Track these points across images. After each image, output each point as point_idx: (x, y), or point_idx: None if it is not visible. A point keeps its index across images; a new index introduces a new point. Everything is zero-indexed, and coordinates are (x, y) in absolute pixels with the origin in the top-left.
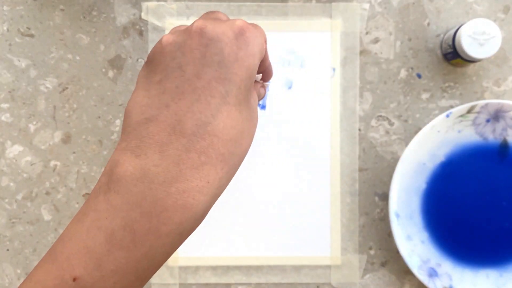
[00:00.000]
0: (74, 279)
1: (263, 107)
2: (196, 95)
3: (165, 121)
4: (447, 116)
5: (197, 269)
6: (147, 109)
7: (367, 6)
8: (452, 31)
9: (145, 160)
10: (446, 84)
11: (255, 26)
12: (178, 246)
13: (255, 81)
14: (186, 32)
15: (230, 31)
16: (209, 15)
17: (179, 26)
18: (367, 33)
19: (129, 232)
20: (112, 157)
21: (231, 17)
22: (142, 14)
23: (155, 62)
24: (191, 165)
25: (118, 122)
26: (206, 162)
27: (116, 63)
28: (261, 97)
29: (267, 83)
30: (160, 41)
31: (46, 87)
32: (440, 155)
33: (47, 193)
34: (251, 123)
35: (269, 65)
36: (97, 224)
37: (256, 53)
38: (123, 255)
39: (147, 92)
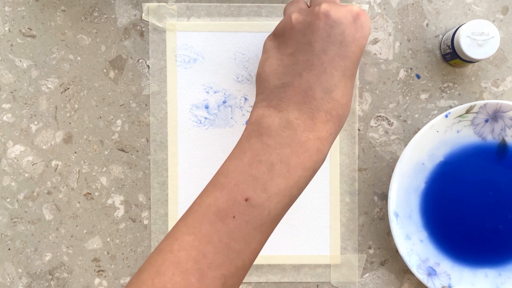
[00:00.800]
0: (246, 199)
1: None
2: (323, 68)
3: (299, 87)
4: (446, 116)
5: None
6: (283, 76)
7: (366, 7)
8: (451, 32)
9: (287, 114)
10: (445, 85)
11: (366, 13)
12: (310, 180)
13: None
14: (313, 13)
15: (350, 15)
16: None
17: (296, 2)
18: None
19: (285, 164)
20: (255, 112)
21: (231, 18)
22: (143, 15)
23: (286, 36)
24: (321, 120)
25: (119, 122)
26: (330, 119)
27: (117, 63)
28: None
29: None
30: (289, 18)
31: (48, 88)
32: (439, 155)
33: (49, 193)
34: (352, 91)
35: None
36: (257, 159)
37: (368, 35)
38: (282, 181)
39: (281, 61)
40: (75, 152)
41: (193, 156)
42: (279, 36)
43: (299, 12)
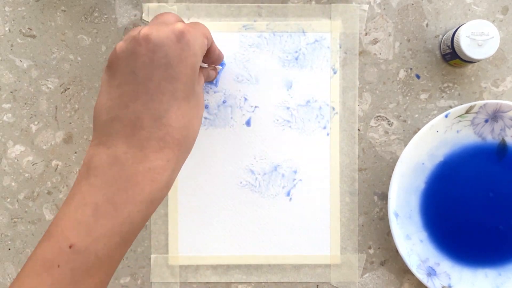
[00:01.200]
0: (70, 246)
1: (216, 83)
2: (149, 95)
3: (126, 119)
4: (446, 116)
5: (197, 268)
6: (110, 110)
7: (366, 7)
8: (451, 32)
9: (115, 149)
10: (445, 85)
11: (194, 25)
12: (152, 212)
13: (203, 67)
14: (135, 39)
15: (173, 35)
16: (157, 19)
17: (132, 30)
18: (366, 34)
19: (111, 203)
20: (88, 152)
21: (231, 18)
22: (143, 15)
23: (113, 68)
24: (153, 150)
25: None
26: (164, 146)
27: None
28: (211, 78)
29: (218, 66)
30: (114, 49)
31: (48, 88)
32: (439, 155)
33: (49, 193)
34: (198, 107)
35: (218, 52)
36: (83, 202)
37: (197, 51)
38: (108, 221)
39: (109, 95)
40: (75, 152)
41: (193, 156)
42: (109, 68)
43: (125, 40)
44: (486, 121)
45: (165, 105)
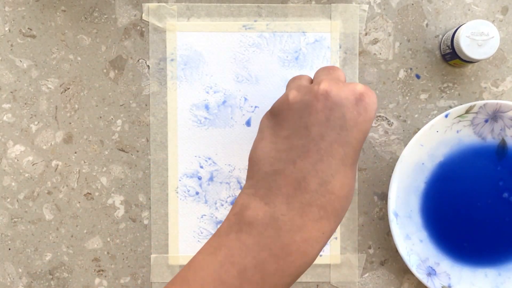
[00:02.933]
0: None
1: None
2: (320, 155)
3: (291, 176)
4: (446, 116)
5: None
6: (275, 162)
7: (366, 7)
8: (451, 32)
9: (273, 208)
10: (445, 85)
11: (372, 92)
12: (291, 285)
13: None
14: (312, 92)
15: (352, 96)
16: (330, 74)
17: (298, 79)
18: (366, 34)
19: (259, 271)
20: (240, 200)
21: (231, 18)
22: (143, 15)
23: (282, 116)
24: (312, 218)
25: (120, 122)
26: (323, 216)
27: (117, 63)
28: None
29: None
30: (287, 97)
31: (48, 88)
32: (439, 155)
33: (49, 193)
34: (355, 180)
35: None
36: (230, 260)
37: (372, 118)
38: None
39: (274, 145)
40: (75, 152)
41: (193, 156)
42: (275, 115)
43: (298, 89)
44: (486, 121)
45: (333, 169)
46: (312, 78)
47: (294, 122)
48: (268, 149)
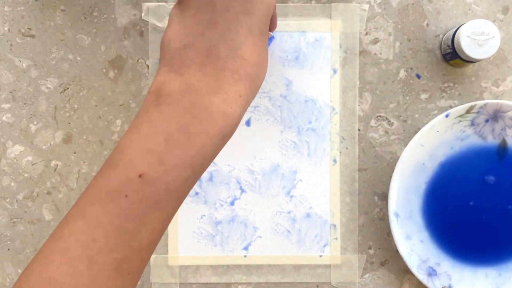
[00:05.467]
0: (140, 175)
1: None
2: (227, 25)
3: (201, 46)
4: (446, 116)
5: (197, 268)
6: (184, 37)
7: (366, 7)
8: (451, 32)
9: (188, 77)
10: (445, 85)
11: None
12: (221, 148)
13: None
14: None
15: None
16: None
17: None
18: (366, 33)
19: (184, 133)
20: (157, 79)
21: None
22: (143, 14)
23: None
24: (227, 81)
25: (119, 122)
26: (238, 80)
27: (117, 63)
28: None
29: (271, 33)
30: None
31: (47, 88)
32: (439, 155)
33: (48, 193)
34: (266, 51)
35: (275, 14)
36: (154, 130)
37: None
38: (181, 152)
39: (182, 24)
40: (75, 152)
41: None
42: (181, 1)
43: None
44: (487, 121)
45: (241, 37)
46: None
47: (199, 0)
48: (177, 29)
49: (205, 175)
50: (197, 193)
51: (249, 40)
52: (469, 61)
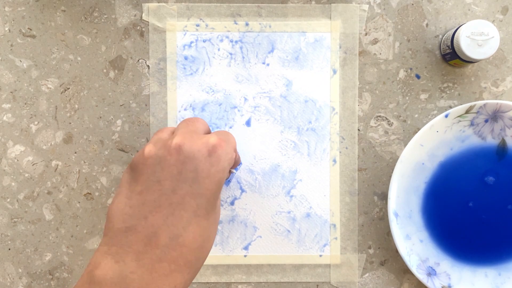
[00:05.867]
0: None
1: (228, 183)
2: (171, 209)
3: (142, 232)
4: (446, 116)
5: None
6: (127, 218)
7: (366, 7)
8: (451, 32)
9: (123, 266)
10: (445, 85)
11: (226, 138)
12: None
13: None
14: (166, 147)
15: (205, 148)
16: (188, 125)
17: (161, 131)
18: (366, 34)
19: None
20: (94, 259)
21: (231, 18)
22: (143, 15)
23: (138, 171)
24: (162, 273)
25: (119, 122)
26: (175, 270)
27: (117, 63)
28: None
29: (233, 170)
30: (143, 152)
31: (48, 88)
32: (439, 155)
33: (49, 193)
34: (216, 223)
35: (238, 158)
36: None
37: (226, 167)
38: None
39: (129, 200)
40: (75, 152)
41: None
42: (133, 169)
43: (154, 143)
44: (486, 121)
45: (185, 222)
46: None
47: (148, 177)
48: (122, 205)
49: None
50: None
51: (193, 224)
52: (469, 61)
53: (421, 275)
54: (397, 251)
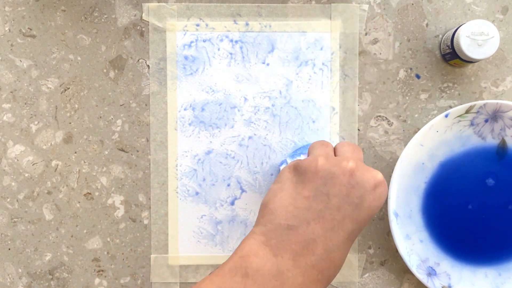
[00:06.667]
0: None
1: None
2: (332, 225)
3: (303, 235)
4: (446, 116)
5: (197, 268)
6: (291, 217)
7: (366, 7)
8: (451, 32)
9: (281, 261)
10: (445, 85)
11: (386, 184)
12: None
13: None
14: (340, 166)
15: (373, 181)
16: (355, 153)
17: (326, 146)
18: (366, 34)
19: None
20: (250, 243)
21: (231, 18)
22: (143, 15)
23: (307, 177)
24: (311, 279)
25: (119, 122)
26: (320, 280)
27: (117, 63)
28: None
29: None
30: (316, 162)
31: (48, 88)
32: (439, 155)
33: (49, 193)
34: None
35: None
36: None
37: (382, 205)
38: None
39: (294, 200)
40: (75, 152)
41: (194, 156)
42: (300, 173)
43: (326, 158)
44: (486, 121)
45: (339, 241)
46: (334, 146)
47: (317, 187)
48: (286, 202)
49: (205, 175)
50: (197, 193)
51: (344, 245)
52: (469, 61)
53: (421, 275)
54: (397, 251)
